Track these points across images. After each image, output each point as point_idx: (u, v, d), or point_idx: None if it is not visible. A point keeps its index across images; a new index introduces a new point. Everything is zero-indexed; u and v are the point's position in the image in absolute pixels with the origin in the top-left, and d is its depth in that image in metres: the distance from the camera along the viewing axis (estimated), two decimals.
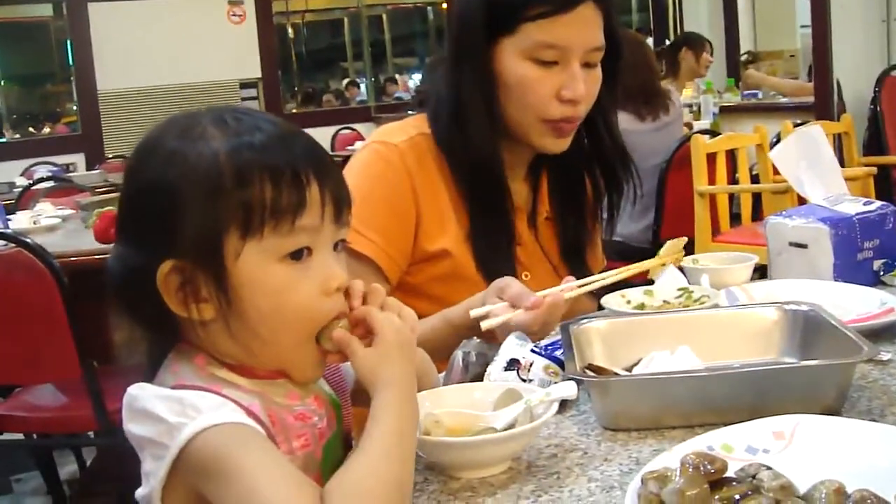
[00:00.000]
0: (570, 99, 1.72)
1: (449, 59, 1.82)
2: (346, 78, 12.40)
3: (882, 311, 1.56)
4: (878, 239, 1.85)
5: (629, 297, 1.69)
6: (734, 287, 1.73)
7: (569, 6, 1.68)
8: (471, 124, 1.76)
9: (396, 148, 1.80)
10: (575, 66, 1.72)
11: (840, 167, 2.08)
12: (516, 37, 1.71)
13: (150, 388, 1.00)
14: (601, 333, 1.43)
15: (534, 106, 1.74)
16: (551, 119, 1.74)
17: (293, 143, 1.06)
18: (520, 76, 1.72)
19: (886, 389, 1.28)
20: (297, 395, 1.07)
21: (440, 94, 1.84)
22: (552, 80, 1.72)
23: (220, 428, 0.94)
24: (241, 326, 1.02)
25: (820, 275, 1.79)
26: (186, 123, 1.04)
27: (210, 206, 0.99)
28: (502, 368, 1.30)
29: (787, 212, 1.91)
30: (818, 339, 1.36)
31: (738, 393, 1.19)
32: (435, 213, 1.78)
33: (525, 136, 1.78)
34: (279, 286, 1.02)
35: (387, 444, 0.98)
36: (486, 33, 1.74)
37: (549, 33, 1.69)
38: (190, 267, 1.00)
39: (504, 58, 1.73)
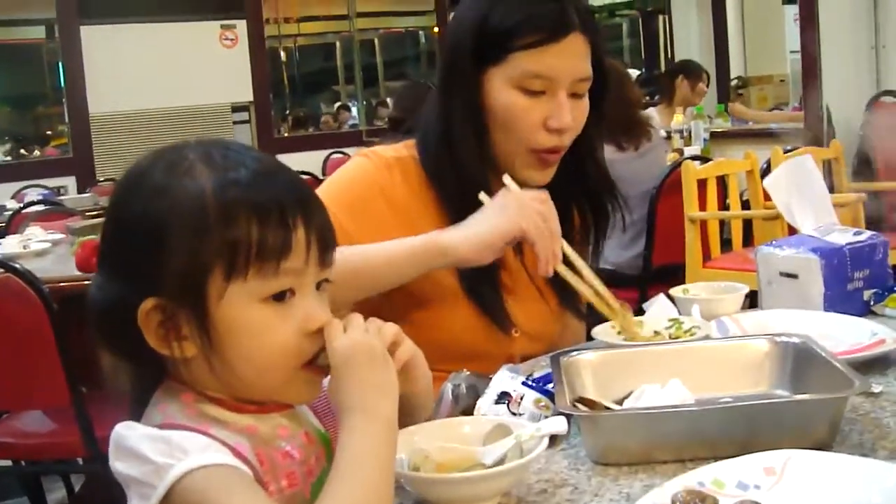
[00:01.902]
0: (557, 128, 1.74)
1: (439, 88, 1.84)
2: (337, 101, 12.42)
3: (873, 343, 1.56)
4: (868, 269, 1.85)
5: (619, 328, 1.68)
6: (725, 317, 1.73)
7: (557, 36, 1.70)
8: (460, 152, 1.78)
9: (384, 158, 1.84)
10: (562, 95, 1.73)
11: (830, 194, 2.08)
12: (505, 66, 1.73)
13: (138, 428, 0.99)
14: (592, 365, 1.42)
15: (521, 135, 1.75)
16: (537, 149, 1.76)
17: (280, 182, 1.05)
18: (507, 105, 1.74)
19: (878, 422, 1.28)
20: (286, 430, 1.06)
21: (429, 121, 1.85)
22: (539, 109, 1.74)
23: (207, 470, 0.93)
24: (223, 366, 1.01)
25: (810, 304, 1.79)
26: (173, 158, 1.04)
27: (196, 245, 0.99)
28: (493, 402, 1.30)
29: (777, 242, 1.91)
30: (809, 372, 1.36)
31: (730, 427, 1.18)
32: (410, 229, 1.71)
33: (511, 167, 1.78)
34: (260, 328, 1.01)
35: (354, 472, 0.97)
36: (476, 62, 1.75)
37: (537, 63, 1.71)
38: (172, 305, 0.99)
39: (492, 87, 1.75)
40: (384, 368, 1.04)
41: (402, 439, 1.13)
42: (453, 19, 1.88)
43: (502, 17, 1.72)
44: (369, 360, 1.03)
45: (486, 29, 1.74)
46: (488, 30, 1.73)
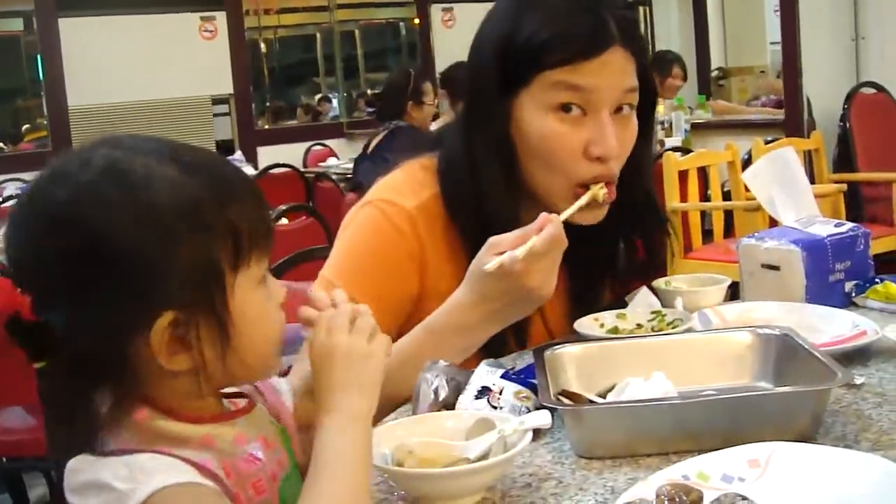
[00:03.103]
0: (600, 156, 1.55)
1: (463, 116, 1.67)
2: (318, 93, 12.38)
3: (855, 335, 1.55)
4: (849, 261, 1.85)
5: (602, 321, 1.68)
6: (707, 309, 1.73)
7: (594, 52, 1.52)
8: (486, 183, 1.60)
9: (407, 213, 1.62)
10: (604, 116, 1.54)
11: (811, 186, 2.08)
12: (535, 87, 1.55)
13: (91, 459, 0.95)
14: (575, 358, 1.42)
15: (559, 166, 1.56)
16: (580, 181, 1.56)
17: (232, 167, 1.06)
18: (541, 132, 1.55)
19: (860, 414, 1.28)
20: (244, 437, 1.05)
21: (454, 148, 1.67)
22: (578, 134, 1.55)
23: (173, 489, 0.91)
24: (233, 358, 1.00)
25: (792, 296, 1.79)
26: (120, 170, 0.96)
27: (205, 244, 0.96)
28: (473, 396, 1.29)
29: (759, 234, 1.91)
30: (792, 364, 1.36)
31: (714, 420, 1.18)
32: (444, 285, 1.55)
33: (551, 203, 1.57)
34: (263, 311, 1.03)
35: (330, 472, 0.98)
36: (502, 87, 1.57)
37: (571, 77, 1.53)
38: (188, 314, 0.96)
39: (524, 112, 1.57)
40: (362, 367, 1.05)
41: (385, 434, 1.14)
42: (476, 39, 1.66)
43: (531, 34, 1.54)
44: (345, 360, 1.04)
45: (513, 48, 1.56)
46: (515, 48, 1.56)
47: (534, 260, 1.36)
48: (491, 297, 1.40)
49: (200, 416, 1.02)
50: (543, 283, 1.38)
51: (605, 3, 1.58)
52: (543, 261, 1.37)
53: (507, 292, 1.39)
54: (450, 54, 7.26)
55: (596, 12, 1.55)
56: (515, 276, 1.36)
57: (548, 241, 1.36)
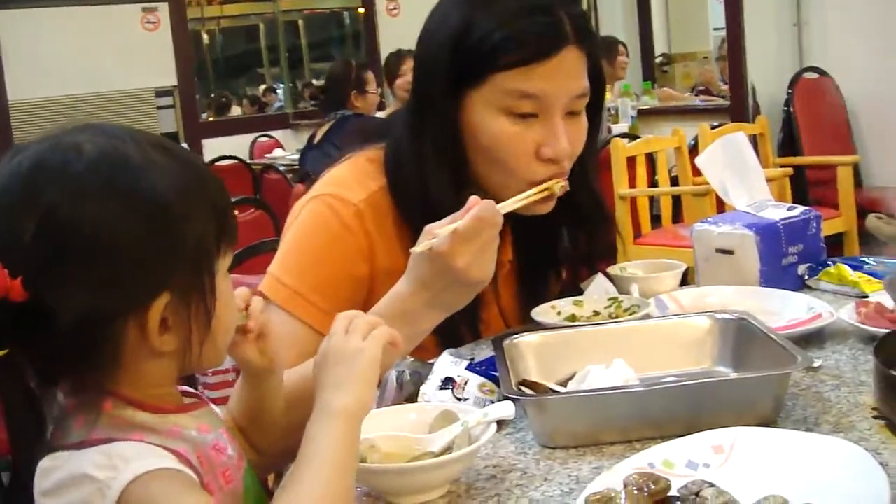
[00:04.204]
0: (552, 157, 1.54)
1: (410, 111, 1.64)
2: (262, 84, 12.30)
3: (811, 318, 1.57)
4: (802, 244, 1.87)
5: (559, 309, 1.68)
6: (663, 295, 1.73)
7: (548, 54, 1.51)
8: (433, 181, 1.58)
9: (355, 207, 1.60)
10: (556, 118, 1.54)
11: None
12: (487, 88, 1.53)
13: (65, 455, 0.94)
14: (534, 347, 1.41)
15: (511, 167, 1.55)
16: (532, 182, 1.55)
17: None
18: (493, 134, 1.54)
19: (820, 396, 1.29)
20: (207, 427, 1.04)
21: (400, 141, 1.64)
22: (530, 136, 1.54)
23: (154, 474, 0.91)
24: (209, 342, 1.01)
25: (746, 280, 1.80)
26: (118, 157, 0.97)
27: (201, 226, 0.99)
28: (437, 388, 1.28)
29: (712, 218, 1.92)
30: (751, 348, 1.37)
31: (676, 407, 1.18)
32: (394, 279, 1.49)
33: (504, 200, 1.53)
34: (230, 300, 1.06)
35: (311, 468, 0.98)
36: (453, 84, 1.55)
37: (523, 82, 1.51)
38: (182, 295, 0.97)
39: (474, 112, 1.55)
40: (351, 364, 1.05)
41: None
42: (424, 32, 1.63)
43: (483, 33, 1.52)
44: (336, 359, 1.06)
45: (465, 46, 1.53)
46: (467, 47, 1.53)
47: (461, 241, 1.32)
48: (426, 283, 1.37)
49: (163, 407, 1.01)
50: (472, 265, 1.33)
51: (559, 2, 1.56)
52: (472, 243, 1.33)
53: (439, 275, 1.35)
54: (395, 43, 7.21)
55: (550, 11, 1.53)
56: (443, 258, 1.33)
57: (472, 222, 1.32)
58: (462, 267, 1.33)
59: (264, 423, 1.20)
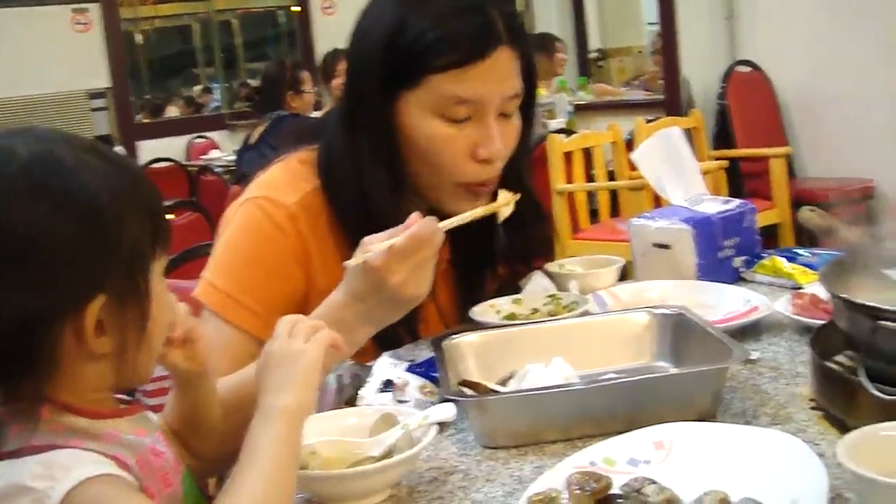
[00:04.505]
0: (487, 158, 1.55)
1: (343, 113, 1.62)
2: (197, 85, 12.19)
3: (747, 310, 1.58)
4: (737, 237, 1.88)
5: (498, 307, 1.67)
6: (602, 291, 1.74)
7: (481, 55, 1.50)
8: (369, 183, 1.57)
9: (287, 209, 1.58)
10: (490, 120, 1.53)
11: None
12: (421, 90, 1.52)
13: (2, 463, 0.92)
14: (473, 347, 1.41)
15: (446, 168, 1.55)
16: (467, 182, 1.57)
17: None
18: (428, 136, 1.53)
19: (757, 389, 1.30)
20: (143, 430, 1.03)
21: (333, 142, 1.63)
22: (465, 137, 1.54)
23: (93, 481, 0.89)
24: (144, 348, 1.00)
25: (684, 274, 1.82)
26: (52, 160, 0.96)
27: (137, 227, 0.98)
28: (377, 390, 1.27)
29: (649, 213, 1.93)
30: (689, 343, 1.38)
31: (616, 404, 1.18)
32: (331, 279, 1.48)
33: (436, 199, 1.59)
34: (165, 304, 1.04)
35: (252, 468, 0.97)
36: (386, 85, 1.54)
37: (458, 86, 1.50)
38: (118, 297, 0.96)
39: (408, 114, 1.54)
40: (292, 366, 1.05)
41: None
42: (356, 32, 1.62)
43: (416, 34, 1.50)
44: (278, 362, 1.06)
45: (398, 47, 1.52)
46: (400, 49, 1.52)
47: (396, 258, 1.31)
48: (360, 296, 1.35)
49: (100, 412, 1.00)
50: (407, 283, 1.32)
51: (491, 1, 1.55)
52: (407, 260, 1.32)
53: (373, 290, 1.33)
54: (331, 42, 7.17)
55: (482, 11, 1.52)
56: (377, 273, 1.31)
57: (409, 240, 1.31)
58: (395, 284, 1.31)
59: (201, 429, 1.19)
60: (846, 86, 5.40)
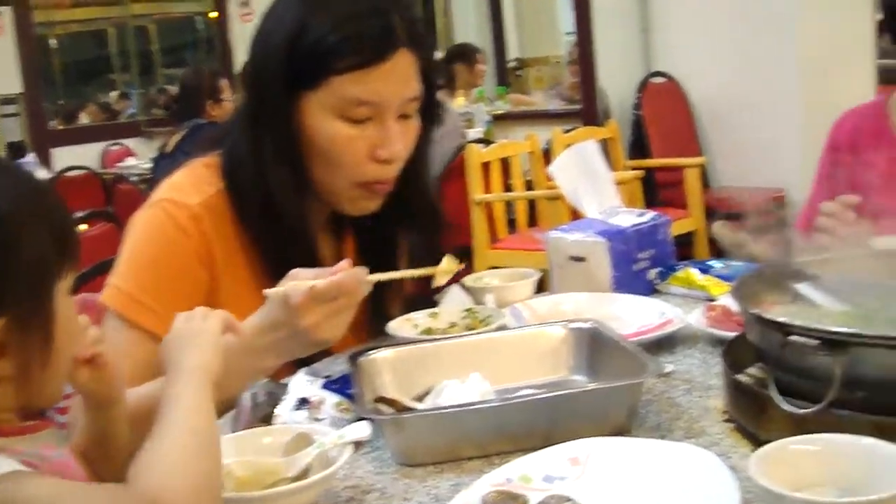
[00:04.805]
0: (386, 159, 1.58)
1: (246, 112, 1.64)
2: (113, 90, 12.01)
3: (661, 323, 1.60)
4: (652, 249, 1.91)
5: (415, 321, 1.67)
6: (518, 304, 1.75)
7: (381, 57, 1.53)
8: (273, 183, 1.58)
9: (190, 210, 1.58)
10: (390, 121, 1.56)
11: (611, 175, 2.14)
12: (323, 91, 1.54)
13: None
14: (390, 362, 1.41)
15: (346, 168, 1.58)
16: (365, 181, 1.60)
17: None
18: (329, 136, 1.55)
19: (672, 402, 1.31)
20: (51, 446, 1.02)
21: (237, 145, 1.63)
22: (365, 138, 1.56)
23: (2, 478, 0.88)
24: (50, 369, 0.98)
25: (599, 287, 1.83)
26: None
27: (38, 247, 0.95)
28: (292, 408, 1.26)
29: (565, 226, 1.94)
30: (604, 356, 1.39)
31: (533, 420, 1.19)
32: (236, 280, 1.58)
33: (334, 199, 1.63)
34: (72, 326, 1.02)
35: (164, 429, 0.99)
36: (288, 85, 1.55)
37: (360, 88, 1.53)
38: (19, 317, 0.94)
39: (310, 115, 1.56)
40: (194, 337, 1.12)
41: None
42: (259, 34, 1.63)
43: (318, 37, 1.53)
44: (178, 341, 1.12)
45: (300, 49, 1.54)
46: (302, 50, 1.53)
47: (314, 300, 1.31)
48: (273, 325, 1.35)
49: (3, 430, 0.98)
50: (320, 327, 1.32)
51: (392, 5, 1.58)
52: (325, 305, 1.32)
53: (285, 324, 1.34)
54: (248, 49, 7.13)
55: (383, 15, 1.55)
56: (292, 310, 1.32)
57: (330, 286, 1.32)
58: (308, 325, 1.32)
59: (109, 451, 1.16)
60: (758, 96, 5.50)
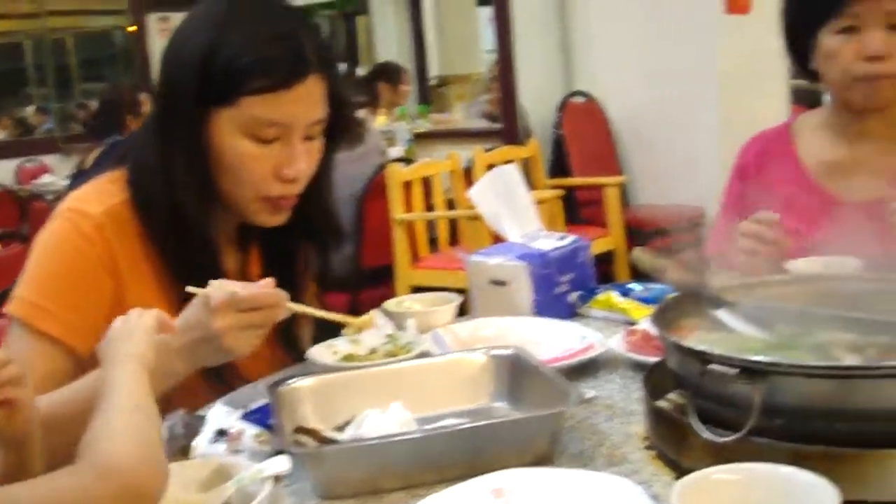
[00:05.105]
0: (291, 178, 1.61)
1: (156, 126, 1.66)
2: (29, 105, 11.79)
3: (583, 348, 1.60)
4: (572, 273, 1.92)
5: (336, 348, 1.65)
6: (440, 329, 1.74)
7: (292, 81, 1.56)
8: (181, 195, 1.61)
9: (93, 219, 1.60)
10: (296, 142, 1.60)
11: (531, 193, 2.14)
12: (234, 110, 1.56)
13: None
14: (310, 391, 1.39)
15: (251, 184, 1.61)
16: (269, 197, 1.63)
17: None
18: (237, 154, 1.59)
19: (594, 429, 1.32)
20: None
21: (144, 157, 1.66)
22: (271, 157, 1.60)
23: None
24: None
25: (520, 310, 1.83)
26: None
27: None
28: (210, 440, 1.24)
29: (486, 250, 1.94)
30: (525, 383, 1.39)
31: (455, 450, 1.18)
32: (143, 288, 1.61)
33: (241, 211, 1.67)
34: None
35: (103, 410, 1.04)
36: (200, 102, 1.58)
37: (270, 110, 1.56)
38: None
39: (220, 131, 1.58)
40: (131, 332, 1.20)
41: None
42: (171, 49, 1.65)
43: (231, 57, 1.55)
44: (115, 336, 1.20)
45: (213, 68, 1.56)
46: (215, 69, 1.56)
47: (232, 306, 1.37)
48: (188, 325, 1.40)
49: None
50: (230, 334, 1.37)
51: (303, 29, 1.62)
52: (241, 314, 1.38)
53: (200, 326, 1.39)
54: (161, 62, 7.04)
55: (295, 39, 1.59)
56: (210, 311, 1.37)
57: (250, 296, 1.39)
58: (219, 328, 1.37)
59: None
60: (677, 115, 5.57)
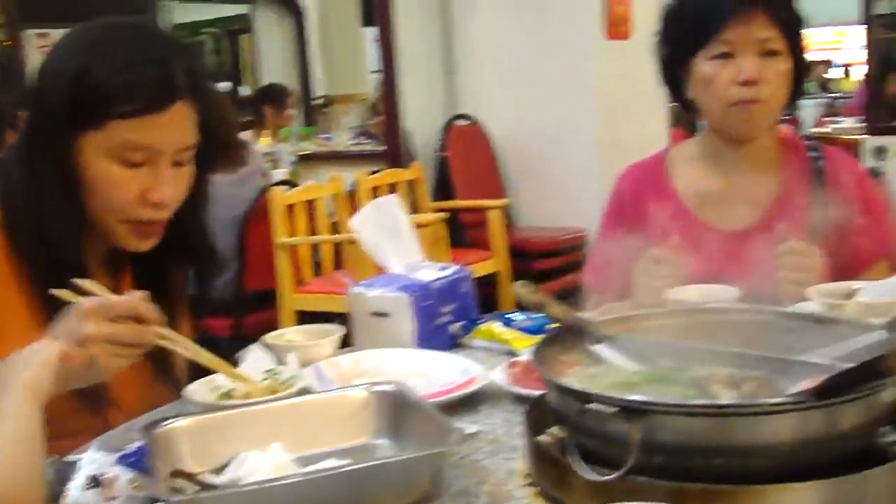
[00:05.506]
0: (156, 203, 1.60)
1: (24, 146, 1.64)
2: None
3: (465, 381, 1.60)
4: (454, 303, 1.92)
5: (214, 384, 1.62)
6: (322, 362, 1.72)
7: (160, 107, 1.55)
8: (49, 217, 1.60)
9: None
10: (164, 167, 1.59)
11: (414, 216, 2.14)
12: (102, 133, 1.55)
13: None
14: (188, 432, 1.35)
15: (118, 208, 1.60)
16: (137, 221, 1.62)
17: None
18: (104, 177, 1.58)
19: (477, 465, 1.31)
20: None
21: (14, 178, 1.64)
22: (138, 181, 1.59)
23: None
24: None
25: (403, 342, 1.83)
26: None
27: None
28: (82, 487, 1.19)
29: (367, 281, 1.93)
30: (407, 419, 1.38)
31: (337, 493, 1.16)
32: (10, 313, 1.59)
33: (109, 235, 1.65)
34: None
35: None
36: (68, 126, 1.56)
37: (137, 134, 1.55)
38: None
39: (87, 153, 1.57)
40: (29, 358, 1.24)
41: None
42: (42, 70, 1.64)
43: (100, 80, 1.54)
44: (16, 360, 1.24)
45: (81, 91, 1.55)
46: (83, 92, 1.55)
47: (102, 313, 1.36)
48: (55, 334, 1.36)
49: None
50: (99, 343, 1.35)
51: (175, 55, 1.61)
52: (111, 325, 1.37)
53: (69, 332, 1.35)
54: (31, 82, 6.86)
55: (164, 64, 1.58)
56: (79, 315, 1.36)
57: (123, 301, 1.39)
58: (89, 334, 1.35)
59: None
60: (558, 137, 5.66)
